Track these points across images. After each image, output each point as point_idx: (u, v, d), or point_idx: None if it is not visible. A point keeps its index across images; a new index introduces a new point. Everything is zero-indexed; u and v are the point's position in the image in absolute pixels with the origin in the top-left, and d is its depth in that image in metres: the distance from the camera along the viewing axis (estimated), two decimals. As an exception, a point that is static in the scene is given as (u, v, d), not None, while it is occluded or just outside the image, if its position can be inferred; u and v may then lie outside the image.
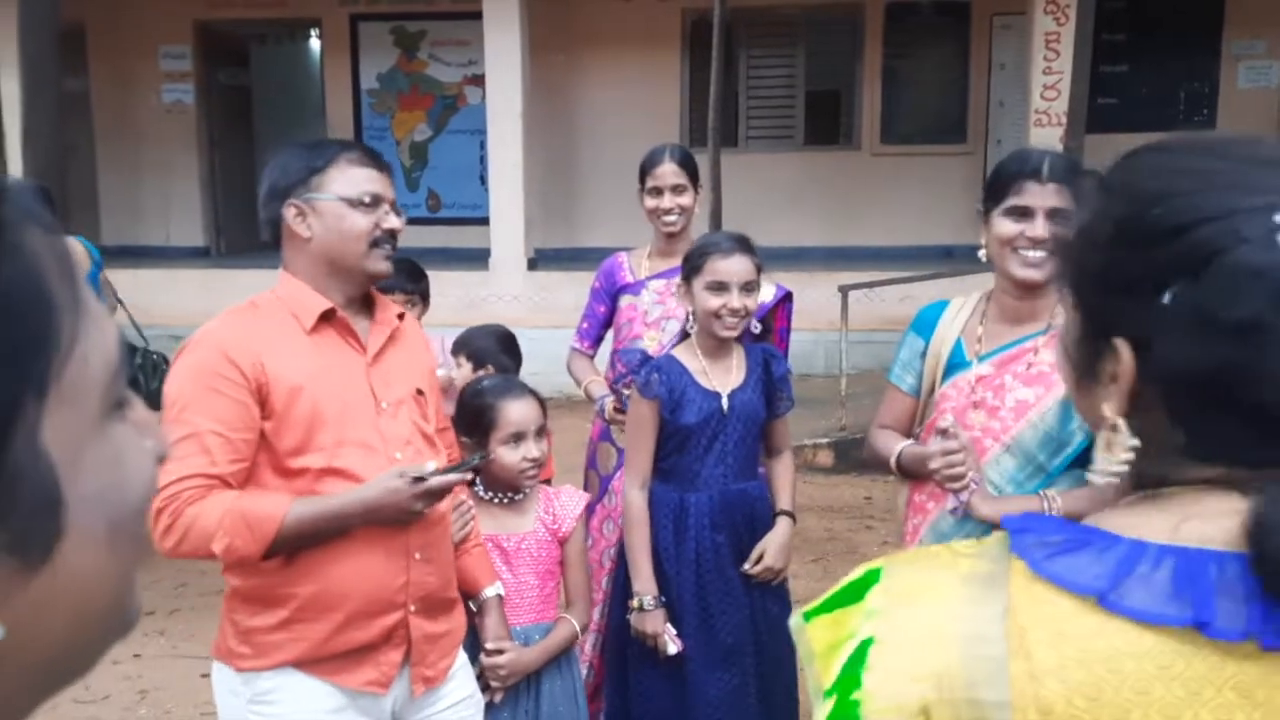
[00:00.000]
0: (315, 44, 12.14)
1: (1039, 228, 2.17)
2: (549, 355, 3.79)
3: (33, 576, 0.47)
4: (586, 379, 3.56)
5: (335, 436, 2.07)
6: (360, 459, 2.09)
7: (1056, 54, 8.51)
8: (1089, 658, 0.77)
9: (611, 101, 10.46)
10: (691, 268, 2.75)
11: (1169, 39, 9.73)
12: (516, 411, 2.56)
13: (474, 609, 2.38)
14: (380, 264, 2.16)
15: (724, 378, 2.79)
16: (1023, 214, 2.20)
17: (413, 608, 2.18)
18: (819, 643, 0.86)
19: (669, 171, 3.40)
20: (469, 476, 2.22)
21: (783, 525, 2.87)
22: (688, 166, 3.46)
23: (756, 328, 2.87)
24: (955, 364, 2.34)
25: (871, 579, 0.86)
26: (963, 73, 10.25)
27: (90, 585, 0.50)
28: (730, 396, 2.77)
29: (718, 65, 7.50)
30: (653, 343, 3.39)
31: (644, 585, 2.75)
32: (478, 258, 9.38)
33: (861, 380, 7.56)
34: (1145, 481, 0.83)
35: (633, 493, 2.79)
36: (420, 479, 2.06)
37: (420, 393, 2.25)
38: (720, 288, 2.69)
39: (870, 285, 7.65)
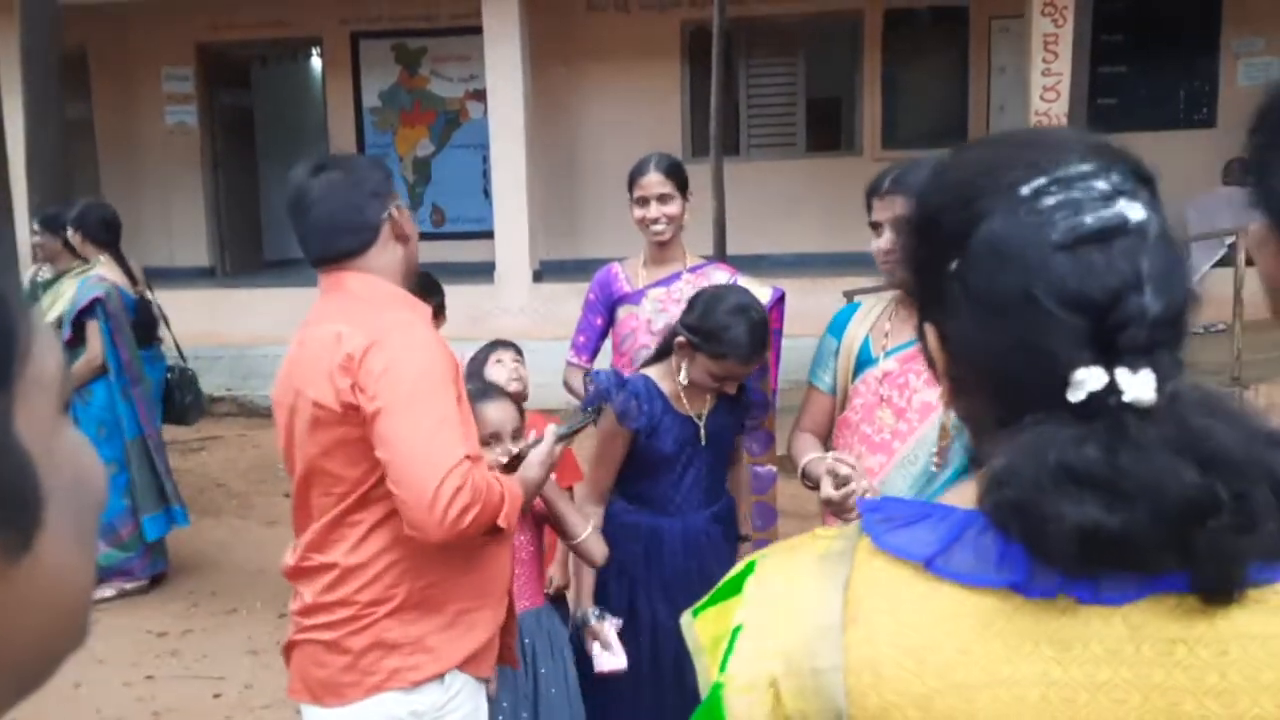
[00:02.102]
0: (316, 63, 12.18)
1: (883, 239, 2.32)
2: (556, 367, 3.79)
3: (12, 570, 0.46)
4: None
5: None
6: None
7: (1055, 55, 8.50)
8: (920, 620, 0.80)
9: (613, 113, 10.48)
10: (706, 345, 2.66)
11: (1168, 38, 9.71)
12: (493, 412, 2.58)
13: None
14: None
15: (699, 402, 2.77)
16: (875, 228, 2.36)
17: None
18: (705, 637, 0.90)
19: (654, 181, 3.40)
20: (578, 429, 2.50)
21: (743, 549, 2.99)
22: (674, 175, 3.44)
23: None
24: (864, 360, 2.40)
25: (749, 570, 0.90)
26: (962, 77, 10.26)
27: (63, 582, 0.50)
28: (706, 422, 2.77)
29: (718, 75, 7.51)
30: None
31: (584, 600, 2.78)
32: (483, 271, 9.40)
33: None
34: (982, 460, 0.85)
35: (587, 507, 2.79)
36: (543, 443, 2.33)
37: None
38: (719, 379, 2.69)
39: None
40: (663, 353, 2.85)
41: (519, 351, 3.60)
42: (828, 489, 2.12)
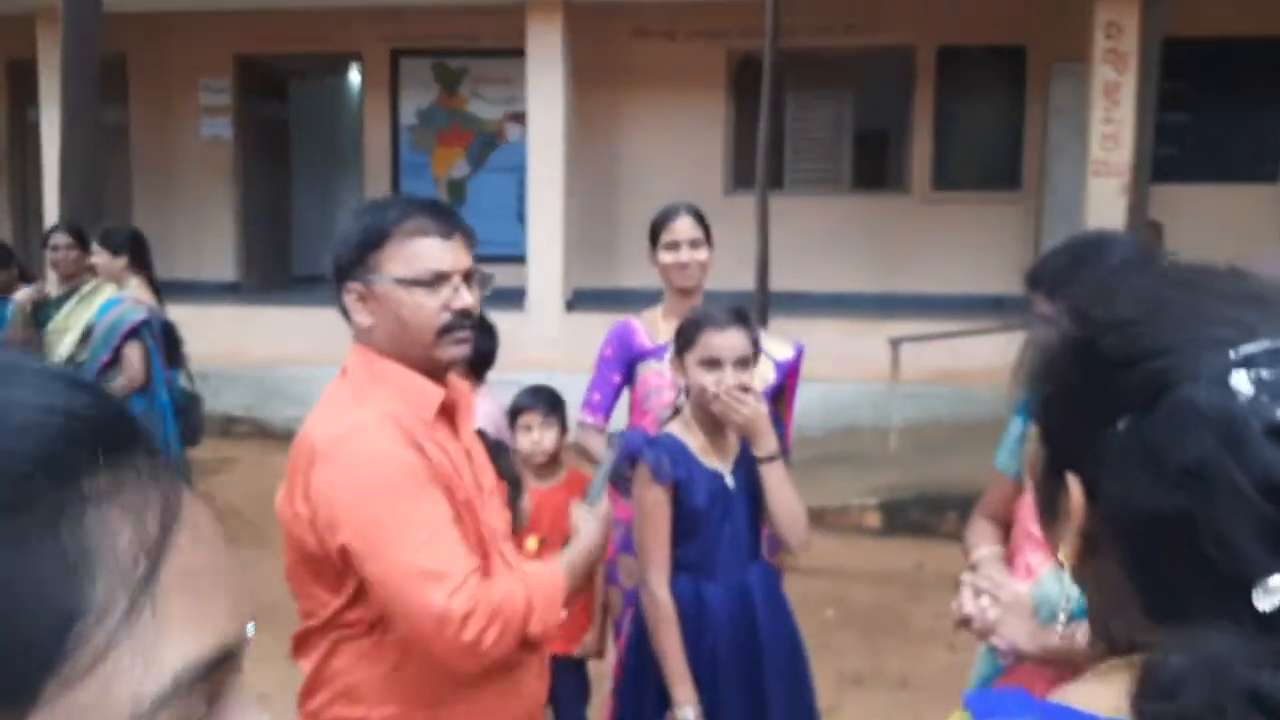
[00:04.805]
0: (355, 79, 12.09)
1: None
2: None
3: None
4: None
5: (472, 539, 1.87)
6: (478, 560, 1.91)
7: (1116, 103, 8.27)
8: None
9: (654, 141, 10.30)
10: (685, 341, 2.59)
11: (1231, 87, 9.41)
12: None
13: None
14: (452, 350, 1.88)
15: (723, 454, 2.64)
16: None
17: None
18: None
19: (686, 226, 3.32)
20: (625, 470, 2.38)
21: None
22: (703, 222, 3.37)
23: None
24: None
25: None
26: (1018, 118, 9.98)
27: None
28: (733, 473, 2.62)
29: (766, 108, 7.30)
30: None
31: (687, 692, 2.47)
32: (513, 298, 9.20)
33: (911, 435, 7.28)
34: (1117, 645, 0.78)
35: (659, 589, 2.54)
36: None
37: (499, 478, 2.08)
38: (713, 364, 2.53)
39: (921, 339, 7.39)
40: (679, 408, 2.73)
41: (552, 402, 3.41)
42: (968, 603, 1.90)
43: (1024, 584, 1.98)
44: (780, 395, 3.29)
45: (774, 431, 2.60)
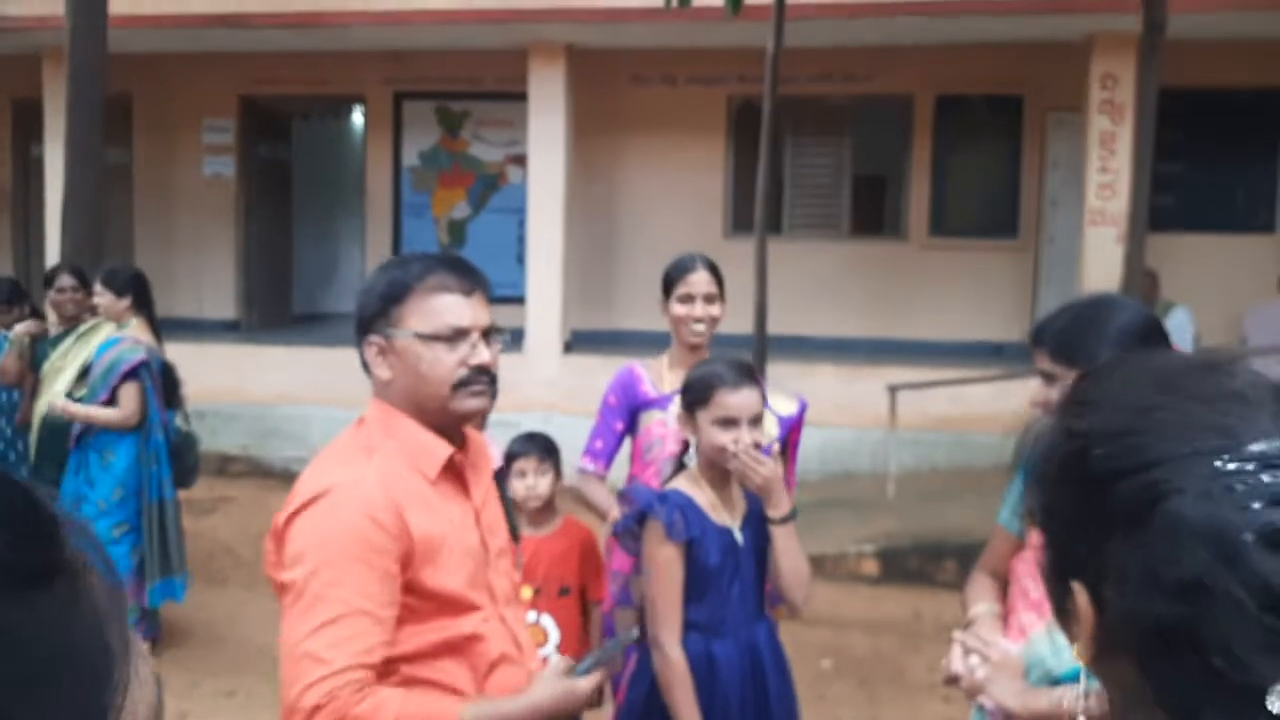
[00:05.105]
0: (358, 119, 12.16)
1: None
2: (582, 446, 3.62)
3: None
4: (614, 511, 3.23)
5: (464, 602, 1.88)
6: (477, 623, 1.90)
7: (1112, 153, 8.33)
8: None
9: (654, 185, 10.36)
10: (696, 399, 2.57)
11: (1227, 137, 9.47)
12: None
13: None
14: (469, 403, 1.89)
15: (731, 509, 2.63)
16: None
17: None
18: None
19: (703, 280, 3.28)
20: (621, 662, 2.14)
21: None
22: (717, 276, 3.34)
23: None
24: None
25: None
26: (1015, 167, 10.04)
27: None
28: (741, 530, 2.60)
29: (766, 154, 7.34)
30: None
31: None
32: (512, 339, 9.22)
33: (909, 482, 7.26)
34: None
35: (673, 649, 2.51)
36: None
37: (511, 538, 2.07)
38: (730, 423, 2.51)
39: (919, 386, 7.39)
40: (685, 464, 2.71)
41: (547, 448, 3.41)
42: (956, 662, 1.90)
43: (1015, 644, 1.97)
44: (783, 450, 3.27)
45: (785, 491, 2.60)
